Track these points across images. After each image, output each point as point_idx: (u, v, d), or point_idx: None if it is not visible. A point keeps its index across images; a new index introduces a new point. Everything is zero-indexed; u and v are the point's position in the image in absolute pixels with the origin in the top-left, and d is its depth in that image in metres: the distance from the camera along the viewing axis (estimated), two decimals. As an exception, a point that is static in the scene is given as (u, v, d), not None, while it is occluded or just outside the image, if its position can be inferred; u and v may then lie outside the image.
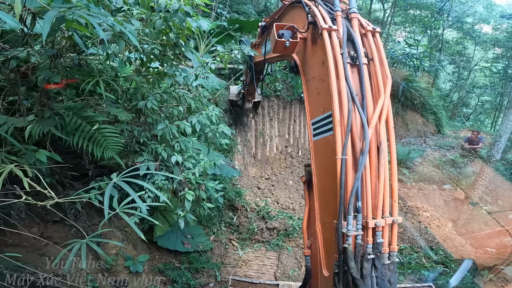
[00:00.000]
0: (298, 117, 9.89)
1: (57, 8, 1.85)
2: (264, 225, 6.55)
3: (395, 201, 2.13)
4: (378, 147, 2.08)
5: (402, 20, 18.98)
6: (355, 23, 2.33)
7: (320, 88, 2.36)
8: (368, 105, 2.12)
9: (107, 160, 3.31)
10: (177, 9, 2.82)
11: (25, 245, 3.47)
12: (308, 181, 2.74)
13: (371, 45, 2.28)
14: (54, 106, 2.87)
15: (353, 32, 2.27)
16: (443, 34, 18.21)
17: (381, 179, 2.03)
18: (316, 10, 2.43)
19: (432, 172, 9.97)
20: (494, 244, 6.86)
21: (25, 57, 2.75)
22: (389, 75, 2.21)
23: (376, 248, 2.00)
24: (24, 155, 2.71)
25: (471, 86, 21.13)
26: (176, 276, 4.97)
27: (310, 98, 2.55)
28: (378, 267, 1.98)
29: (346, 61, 2.13)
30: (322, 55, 2.27)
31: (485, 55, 20.34)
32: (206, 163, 3.86)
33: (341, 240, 1.96)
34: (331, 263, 2.13)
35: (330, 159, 2.10)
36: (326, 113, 2.23)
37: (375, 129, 2.09)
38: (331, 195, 2.14)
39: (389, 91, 2.17)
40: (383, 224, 2.00)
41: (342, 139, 2.02)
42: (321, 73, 2.32)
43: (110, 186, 1.93)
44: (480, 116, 22.19)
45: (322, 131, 2.30)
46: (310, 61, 2.57)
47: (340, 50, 2.16)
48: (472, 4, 17.24)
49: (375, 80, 2.21)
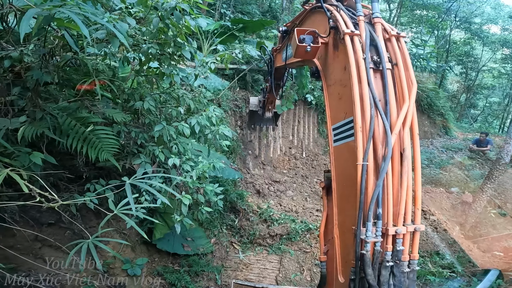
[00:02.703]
0: (302, 118, 9.78)
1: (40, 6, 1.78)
2: (267, 231, 6.44)
3: (418, 209, 2.09)
4: (402, 153, 2.05)
5: (408, 20, 18.79)
6: (379, 27, 2.31)
7: (342, 93, 2.35)
8: (392, 110, 2.10)
9: (103, 162, 3.25)
10: (174, 7, 2.74)
11: (19, 248, 3.42)
12: (327, 187, 2.73)
13: (395, 50, 2.26)
14: (47, 106, 2.81)
15: (376, 37, 2.25)
16: (450, 34, 17.97)
17: (404, 186, 2.00)
18: (337, 15, 2.42)
19: (439, 175, 9.80)
20: (502, 247, 6.73)
21: (18, 56, 2.69)
22: (414, 81, 2.17)
23: (395, 255, 1.98)
24: (17, 158, 2.65)
25: (479, 87, 20.83)
26: (175, 279, 4.89)
27: (331, 104, 2.54)
28: (397, 275, 1.96)
29: (368, 66, 2.12)
30: (344, 60, 2.26)
31: (493, 56, 20.06)
32: (205, 166, 3.77)
33: (359, 246, 1.95)
34: (347, 269, 2.12)
35: (351, 165, 2.09)
36: (348, 118, 2.21)
37: (399, 136, 2.06)
38: (350, 201, 2.12)
39: (414, 97, 2.13)
40: (404, 232, 1.99)
41: (363, 145, 2.00)
42: (343, 78, 2.32)
43: (128, 187, 2.08)
44: (488, 117, 21.87)
45: (343, 136, 2.29)
46: (331, 66, 2.55)
47: (363, 55, 2.14)
48: (480, 5, 17.02)
49: (399, 85, 2.19)
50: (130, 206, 2.07)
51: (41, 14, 1.85)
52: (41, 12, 1.81)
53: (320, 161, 9.34)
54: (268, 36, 9.82)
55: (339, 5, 2.51)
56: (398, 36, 2.30)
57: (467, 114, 20.59)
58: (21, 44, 2.72)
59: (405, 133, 2.07)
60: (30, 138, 2.63)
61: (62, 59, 2.92)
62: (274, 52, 4.95)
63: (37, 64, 2.73)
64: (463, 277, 5.87)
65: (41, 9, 1.78)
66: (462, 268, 6.07)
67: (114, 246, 4.44)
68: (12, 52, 2.63)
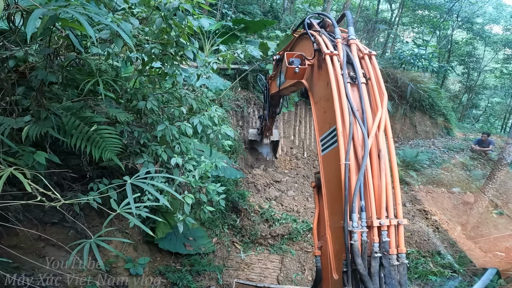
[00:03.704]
0: (303, 118, 9.79)
1: (46, 6, 1.80)
2: (268, 231, 6.45)
3: (398, 204, 2.27)
4: (379, 154, 2.28)
5: (410, 20, 18.78)
6: (354, 48, 2.65)
7: (326, 107, 2.63)
8: (368, 118, 2.38)
9: (107, 162, 3.26)
10: (177, 7, 2.76)
11: (22, 247, 3.44)
12: (317, 187, 2.96)
13: (368, 66, 2.58)
14: (52, 106, 2.82)
15: (352, 56, 2.58)
16: (452, 34, 17.94)
17: (383, 182, 2.22)
18: (320, 39, 2.78)
19: (441, 175, 9.79)
20: (503, 248, 6.72)
21: (23, 56, 2.71)
22: (385, 92, 2.47)
23: (383, 247, 2.10)
24: (21, 157, 2.67)
25: (480, 87, 20.79)
26: (177, 278, 4.91)
27: (318, 117, 2.84)
28: (386, 266, 2.07)
29: (346, 80, 2.42)
30: (326, 77, 2.54)
31: (495, 56, 20.01)
32: (207, 165, 3.78)
33: (348, 237, 2.09)
34: (340, 266, 2.24)
35: (336, 167, 2.32)
36: (331, 128, 2.49)
37: (375, 138, 2.31)
38: (339, 202, 2.30)
39: (385, 105, 2.42)
40: (388, 224, 2.13)
41: (345, 147, 2.25)
42: (326, 93, 2.61)
43: (128, 187, 2.12)
44: (490, 118, 21.83)
45: (329, 145, 2.55)
46: (317, 85, 2.87)
47: (341, 72, 2.45)
48: (482, 5, 16.99)
49: (373, 96, 2.48)
50: (136, 205, 2.10)
51: (46, 14, 1.87)
52: (47, 12, 1.83)
53: (321, 161, 9.33)
54: (270, 36, 9.84)
55: (321, 31, 2.90)
56: (370, 55, 2.64)
57: (469, 114, 20.56)
58: (25, 44, 2.74)
59: (380, 136, 2.32)
60: (34, 138, 2.65)
61: (66, 59, 2.94)
62: (269, 80, 5.49)
63: (42, 64, 2.75)
64: (464, 277, 5.87)
65: (47, 9, 1.79)
66: (463, 268, 6.07)
67: (117, 245, 4.46)
68: (16, 52, 2.65)
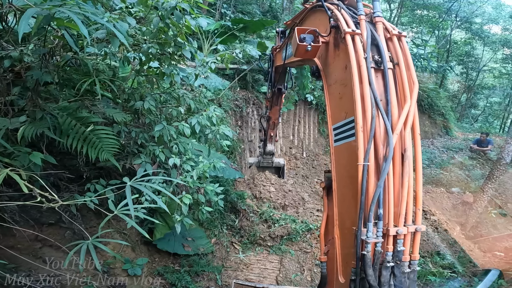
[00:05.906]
0: (302, 118, 9.76)
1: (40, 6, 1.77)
2: (267, 231, 6.42)
3: (419, 209, 2.08)
4: (403, 154, 2.03)
5: (409, 20, 18.76)
6: (380, 27, 2.27)
7: (343, 93, 2.32)
8: (393, 110, 2.07)
9: (104, 162, 3.24)
10: (174, 6, 2.73)
11: (19, 248, 3.41)
12: (327, 187, 2.70)
13: (397, 49, 2.22)
14: (48, 106, 2.80)
15: (377, 36, 2.21)
16: (451, 34, 17.93)
17: (405, 187, 1.99)
18: (338, 14, 2.39)
19: (440, 175, 9.78)
20: (503, 248, 6.72)
21: (19, 56, 2.68)
22: (416, 80, 2.15)
23: (396, 256, 1.96)
24: (17, 158, 2.65)
25: (479, 87, 20.79)
26: (176, 279, 4.88)
27: (331, 103, 2.51)
28: (397, 275, 1.95)
29: (370, 65, 2.09)
30: (345, 59, 2.23)
31: (494, 56, 20.01)
32: (205, 166, 3.76)
33: (360, 247, 1.93)
34: (348, 270, 2.11)
35: (352, 165, 2.06)
36: (348, 118, 2.19)
37: (400, 136, 2.03)
38: (351, 202, 2.11)
39: (415, 96, 2.11)
40: (405, 232, 1.97)
41: (364, 145, 1.98)
42: (344, 78, 2.29)
43: (128, 189, 2.09)
44: (488, 117, 21.83)
45: (344, 136, 2.26)
46: (332, 65, 2.53)
47: (364, 55, 2.11)
48: (481, 5, 16.96)
49: (400, 85, 2.17)
50: (133, 206, 2.10)
51: (40, 14, 1.84)
52: (41, 12, 1.80)
53: (320, 161, 9.33)
54: (269, 36, 9.82)
55: (340, 4, 2.49)
56: (400, 36, 2.27)
57: (468, 114, 20.56)
58: (21, 44, 2.71)
59: (406, 133, 2.05)
60: (30, 138, 2.62)
61: (62, 59, 2.92)
62: (274, 51, 4.89)
63: (37, 64, 2.72)
64: (463, 277, 5.86)
65: (40, 9, 1.77)
66: (462, 268, 6.06)
67: (115, 246, 4.43)
68: (12, 52, 2.63)
